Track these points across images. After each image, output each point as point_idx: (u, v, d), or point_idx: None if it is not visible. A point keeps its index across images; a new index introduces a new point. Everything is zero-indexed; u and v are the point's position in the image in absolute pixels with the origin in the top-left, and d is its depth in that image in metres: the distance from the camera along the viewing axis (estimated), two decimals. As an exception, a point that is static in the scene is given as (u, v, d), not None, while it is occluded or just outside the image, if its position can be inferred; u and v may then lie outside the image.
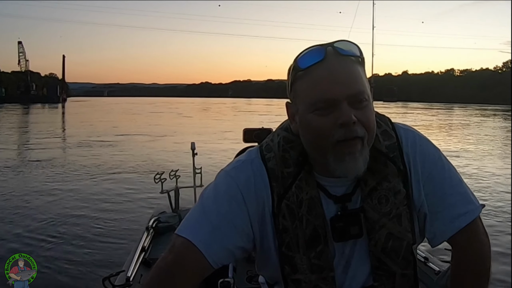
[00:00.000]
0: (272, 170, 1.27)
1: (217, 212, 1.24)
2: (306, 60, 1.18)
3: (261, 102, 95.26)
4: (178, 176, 4.17)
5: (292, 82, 1.22)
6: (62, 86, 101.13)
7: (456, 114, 47.46)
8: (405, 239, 1.25)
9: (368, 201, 1.25)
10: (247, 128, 3.39)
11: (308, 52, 1.19)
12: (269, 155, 1.29)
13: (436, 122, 34.02)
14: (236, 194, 1.25)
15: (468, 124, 31.91)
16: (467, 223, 1.27)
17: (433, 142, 1.34)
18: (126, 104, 74.60)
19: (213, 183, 1.31)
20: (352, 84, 1.15)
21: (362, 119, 1.15)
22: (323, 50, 1.18)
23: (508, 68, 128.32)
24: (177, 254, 1.21)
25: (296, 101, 1.23)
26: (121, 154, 14.92)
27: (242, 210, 1.25)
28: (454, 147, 17.26)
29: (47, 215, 7.19)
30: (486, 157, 14.92)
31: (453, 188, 1.29)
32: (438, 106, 71.23)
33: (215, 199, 1.26)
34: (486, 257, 1.29)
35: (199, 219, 1.25)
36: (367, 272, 1.28)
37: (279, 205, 1.25)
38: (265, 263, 1.34)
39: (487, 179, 10.71)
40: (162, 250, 2.92)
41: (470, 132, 24.57)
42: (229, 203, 1.25)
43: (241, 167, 1.29)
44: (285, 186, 1.25)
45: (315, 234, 1.24)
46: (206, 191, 1.30)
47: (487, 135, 22.89)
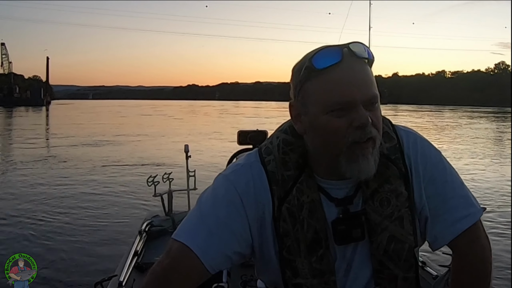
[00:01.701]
0: (272, 173, 1.27)
1: (215, 217, 1.24)
2: (323, 60, 1.17)
3: (249, 104, 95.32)
4: (171, 179, 4.16)
5: (303, 82, 1.21)
6: (46, 89, 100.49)
7: (447, 117, 47.72)
8: (407, 241, 1.26)
9: (370, 204, 1.25)
10: (241, 130, 3.39)
11: (324, 52, 1.19)
12: (269, 158, 1.29)
13: (424, 124, 34.19)
14: (234, 199, 1.25)
15: (457, 126, 32.19)
16: (468, 226, 1.27)
17: (434, 145, 1.35)
18: (113, 107, 74.28)
19: (211, 187, 1.31)
20: (368, 87, 1.17)
21: (374, 120, 1.17)
22: (340, 51, 1.17)
23: (500, 69, 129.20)
24: (174, 259, 1.21)
25: (306, 101, 1.21)
26: (113, 156, 14.89)
27: (241, 215, 1.25)
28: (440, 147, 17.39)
29: (37, 219, 7.15)
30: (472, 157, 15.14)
31: (454, 190, 1.30)
32: (428, 108, 71.62)
33: (213, 203, 1.26)
34: (487, 261, 1.30)
35: (196, 223, 1.25)
36: (369, 275, 1.29)
37: (280, 209, 1.25)
38: (265, 268, 1.34)
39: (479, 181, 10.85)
40: (155, 254, 2.93)
41: (460, 133, 24.88)
42: (227, 208, 1.25)
43: (240, 171, 1.29)
44: (285, 189, 1.25)
45: (316, 238, 1.24)
46: (204, 195, 1.30)
47: (474, 137, 23.13)
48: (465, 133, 25.38)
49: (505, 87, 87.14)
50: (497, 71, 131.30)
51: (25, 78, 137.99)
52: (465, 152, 16.81)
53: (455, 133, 25.63)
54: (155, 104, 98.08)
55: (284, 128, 1.34)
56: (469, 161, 14.44)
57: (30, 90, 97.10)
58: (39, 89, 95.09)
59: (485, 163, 14.08)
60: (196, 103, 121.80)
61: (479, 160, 14.87)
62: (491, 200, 8.71)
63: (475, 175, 11.55)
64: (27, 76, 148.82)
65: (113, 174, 11.52)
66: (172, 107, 79.86)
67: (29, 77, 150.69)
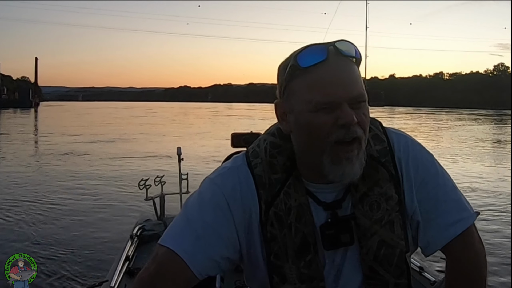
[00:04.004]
0: (259, 177, 1.27)
1: (202, 221, 1.24)
2: (308, 58, 1.17)
3: (243, 106, 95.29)
4: (163, 182, 4.15)
5: (288, 80, 1.21)
6: (35, 90, 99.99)
7: (445, 119, 47.82)
8: (397, 246, 1.25)
9: (359, 208, 1.25)
10: (235, 132, 3.39)
11: (309, 50, 1.19)
12: (256, 161, 1.29)
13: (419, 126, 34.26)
14: (221, 202, 1.25)
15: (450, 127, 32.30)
16: (461, 231, 1.28)
17: (426, 148, 1.35)
18: (104, 109, 74.05)
19: (198, 191, 1.31)
20: (353, 86, 1.17)
21: (360, 120, 1.16)
22: (325, 49, 1.18)
23: (499, 71, 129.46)
24: (160, 264, 1.21)
25: (291, 99, 1.21)
26: (104, 159, 14.82)
27: (228, 219, 1.25)
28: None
29: (25, 223, 7.10)
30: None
31: (447, 194, 1.30)
32: (426, 111, 71.73)
33: (200, 207, 1.26)
34: (482, 266, 1.30)
35: (182, 228, 1.25)
36: (359, 281, 1.29)
37: (267, 213, 1.25)
38: (253, 274, 1.34)
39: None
40: (146, 259, 2.90)
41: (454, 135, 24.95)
42: (214, 212, 1.25)
43: (226, 174, 1.29)
44: (272, 193, 1.25)
45: (305, 243, 1.24)
46: (190, 199, 1.30)
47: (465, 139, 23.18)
48: (461, 135, 25.43)
49: (505, 89, 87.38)
50: (496, 72, 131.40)
51: (13, 79, 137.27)
52: (460, 155, 16.86)
53: (449, 134, 25.69)
54: (147, 106, 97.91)
55: (272, 131, 1.34)
56: (466, 164, 14.48)
57: (19, 92, 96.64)
58: (28, 90, 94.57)
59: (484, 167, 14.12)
60: (188, 105, 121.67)
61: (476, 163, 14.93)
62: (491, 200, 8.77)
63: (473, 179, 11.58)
64: (16, 77, 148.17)
65: (104, 176, 11.46)
66: (165, 109, 79.72)
67: (18, 78, 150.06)
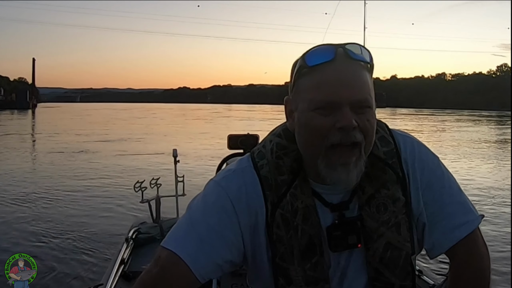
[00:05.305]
0: (265, 178, 1.27)
1: (206, 224, 1.23)
2: (315, 58, 1.19)
3: (242, 108, 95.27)
4: (159, 185, 4.13)
5: (296, 78, 1.23)
6: (32, 91, 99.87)
7: (446, 120, 47.84)
8: (404, 249, 1.26)
9: (366, 209, 1.26)
10: (231, 134, 3.37)
11: (317, 50, 1.20)
12: (262, 163, 1.29)
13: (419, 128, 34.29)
14: (226, 205, 1.25)
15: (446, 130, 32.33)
16: (467, 234, 1.28)
17: (431, 150, 1.35)
18: (103, 110, 74.14)
19: (202, 194, 1.31)
20: (357, 89, 1.17)
21: (361, 125, 1.16)
22: (333, 50, 1.18)
23: (502, 72, 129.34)
24: (163, 267, 1.21)
25: (297, 97, 1.23)
26: (100, 161, 14.82)
27: (232, 221, 1.25)
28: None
29: (19, 226, 7.10)
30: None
31: (452, 197, 1.30)
32: (428, 112, 71.77)
33: (204, 210, 1.26)
34: (486, 270, 1.30)
35: (186, 231, 1.25)
36: (364, 283, 1.29)
37: (273, 215, 1.24)
38: (257, 276, 1.34)
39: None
40: (142, 262, 2.93)
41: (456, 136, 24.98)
42: (219, 215, 1.24)
43: (231, 177, 1.29)
44: (279, 195, 1.25)
45: (311, 244, 1.24)
46: (194, 202, 1.30)
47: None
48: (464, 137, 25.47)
49: (508, 89, 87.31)
50: (499, 73, 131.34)
51: (10, 80, 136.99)
52: (465, 155, 16.89)
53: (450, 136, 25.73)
54: (145, 107, 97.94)
55: (278, 131, 1.34)
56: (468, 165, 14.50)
57: (16, 93, 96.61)
58: (25, 91, 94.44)
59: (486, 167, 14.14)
60: (187, 106, 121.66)
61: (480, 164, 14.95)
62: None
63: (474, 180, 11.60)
64: (13, 78, 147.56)
65: (99, 179, 11.44)
66: (164, 110, 79.75)
67: (15, 79, 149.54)
